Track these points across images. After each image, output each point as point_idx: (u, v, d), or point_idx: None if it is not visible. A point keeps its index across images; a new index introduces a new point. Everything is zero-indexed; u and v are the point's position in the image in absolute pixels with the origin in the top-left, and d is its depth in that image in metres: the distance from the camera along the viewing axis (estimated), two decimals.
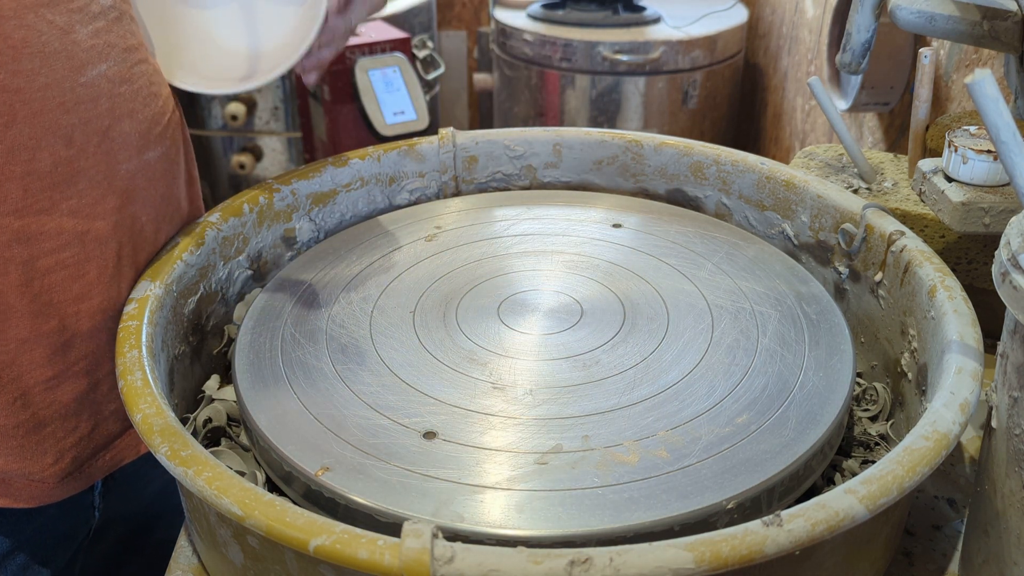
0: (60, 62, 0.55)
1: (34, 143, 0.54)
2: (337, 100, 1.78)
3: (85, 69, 0.56)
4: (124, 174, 0.59)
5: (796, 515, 0.40)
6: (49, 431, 0.60)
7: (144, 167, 0.61)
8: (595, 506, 0.46)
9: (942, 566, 0.55)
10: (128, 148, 0.59)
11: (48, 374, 0.58)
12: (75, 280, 0.58)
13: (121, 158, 0.59)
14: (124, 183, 0.59)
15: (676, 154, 0.78)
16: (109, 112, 0.58)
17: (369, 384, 0.55)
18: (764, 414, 0.52)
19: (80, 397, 0.60)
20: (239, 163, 2.03)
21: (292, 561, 0.45)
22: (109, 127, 0.58)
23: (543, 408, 0.53)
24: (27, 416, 0.58)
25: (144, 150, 0.61)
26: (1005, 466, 0.46)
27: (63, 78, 0.55)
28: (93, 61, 0.57)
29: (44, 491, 0.61)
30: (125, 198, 0.60)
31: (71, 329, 0.58)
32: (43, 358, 0.58)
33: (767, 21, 2.22)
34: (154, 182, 0.62)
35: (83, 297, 0.59)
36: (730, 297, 0.63)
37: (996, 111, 0.42)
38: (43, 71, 0.54)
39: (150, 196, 0.62)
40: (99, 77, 0.57)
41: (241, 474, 0.55)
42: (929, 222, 0.73)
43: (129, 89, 0.59)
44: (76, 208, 0.57)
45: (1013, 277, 0.42)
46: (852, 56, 0.72)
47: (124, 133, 0.59)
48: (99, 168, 0.58)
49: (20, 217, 0.55)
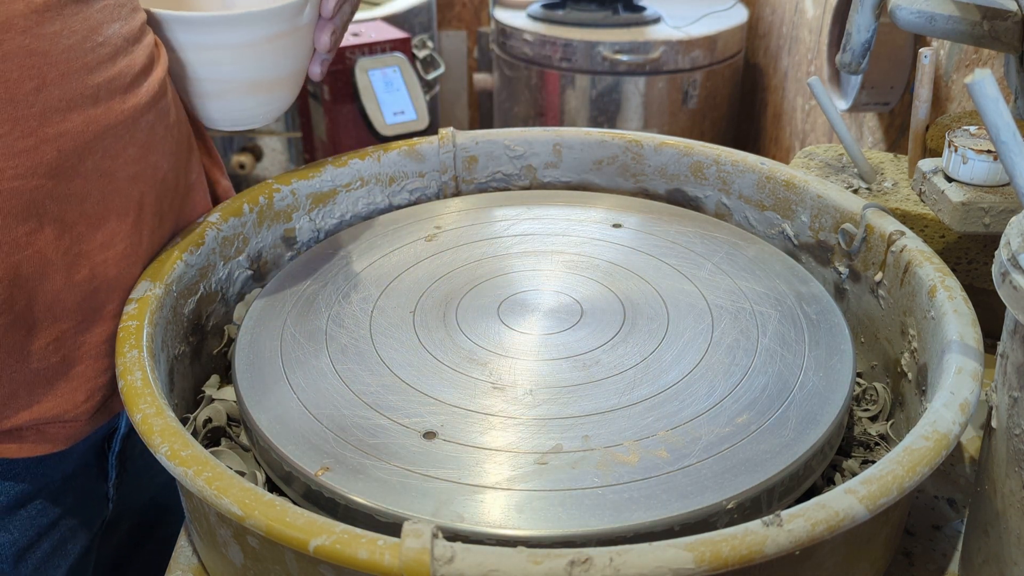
0: (78, 23, 0.56)
1: (65, 104, 0.55)
2: (337, 100, 1.78)
3: (101, 28, 0.57)
4: (144, 125, 0.61)
5: (796, 515, 0.40)
6: (80, 370, 0.60)
7: (161, 115, 0.62)
8: (595, 506, 0.46)
9: (942, 566, 0.55)
10: (148, 102, 0.61)
11: (79, 318, 0.59)
12: (99, 229, 0.59)
13: (141, 111, 0.60)
14: (144, 135, 0.61)
15: (676, 154, 0.78)
16: (128, 69, 0.59)
17: (369, 384, 0.55)
18: (764, 414, 0.52)
19: (109, 338, 0.61)
20: (239, 163, 2.03)
21: (292, 561, 0.45)
22: (130, 84, 0.59)
23: (543, 408, 0.53)
24: (59, 359, 0.59)
25: (158, 101, 0.62)
26: (1005, 466, 0.46)
27: (84, 39, 0.56)
28: (107, 20, 0.58)
29: (76, 430, 0.62)
30: (145, 148, 0.61)
31: (100, 276, 0.60)
32: (75, 304, 0.59)
33: (767, 21, 2.22)
34: (170, 129, 0.64)
35: (107, 245, 0.60)
36: (730, 297, 0.63)
37: (996, 111, 0.42)
38: (64, 33, 0.55)
39: (168, 145, 0.63)
40: (114, 35, 0.58)
41: (241, 474, 0.55)
42: (929, 222, 0.73)
43: (139, 47, 0.61)
44: (100, 163, 0.58)
45: (1013, 277, 0.42)
46: (852, 56, 0.72)
47: (142, 89, 0.60)
48: (124, 123, 0.59)
49: (52, 177, 0.55)
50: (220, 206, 0.68)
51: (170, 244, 0.63)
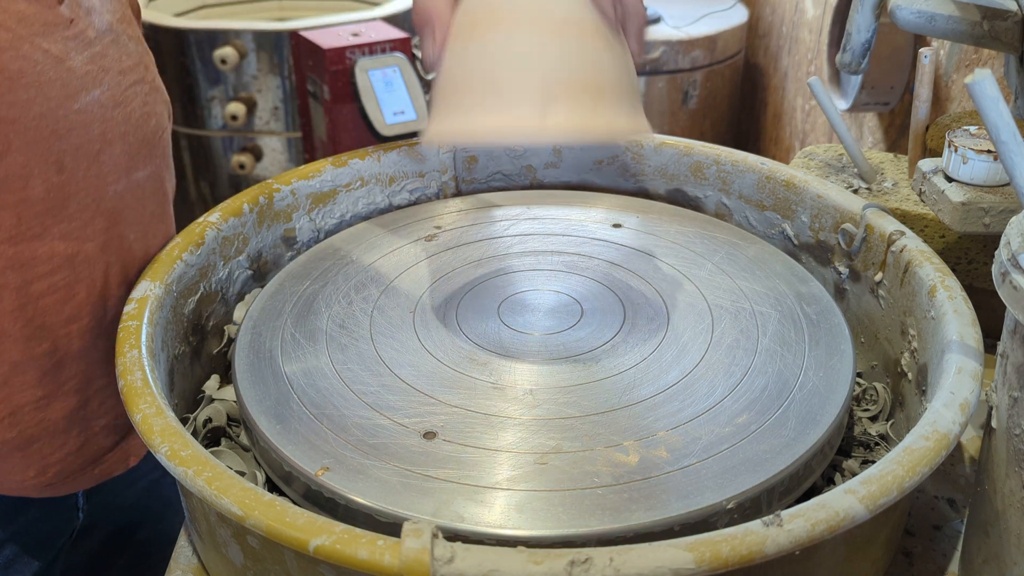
0: (55, 90, 0.54)
1: (27, 171, 0.54)
2: (337, 100, 1.78)
3: (79, 96, 0.56)
4: (112, 195, 0.59)
5: (796, 515, 0.40)
6: (36, 448, 0.59)
7: (133, 187, 0.61)
8: (595, 506, 0.46)
9: (942, 566, 0.55)
10: (117, 170, 0.59)
11: (39, 394, 0.58)
12: (66, 302, 0.58)
13: (110, 180, 0.59)
14: (112, 204, 0.59)
15: (676, 154, 0.78)
16: (101, 136, 0.57)
17: (369, 384, 0.55)
18: (764, 414, 0.52)
19: (70, 415, 0.60)
20: (239, 163, 2.03)
21: (292, 561, 0.45)
22: (100, 151, 0.57)
23: (543, 408, 0.53)
24: (15, 434, 0.58)
25: (133, 171, 0.61)
26: (1005, 466, 0.46)
27: (57, 106, 0.55)
28: (87, 87, 0.56)
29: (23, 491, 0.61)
30: (113, 218, 0.59)
31: (63, 350, 0.58)
32: (34, 379, 0.58)
33: (767, 21, 2.22)
34: (142, 201, 0.62)
35: (74, 318, 0.58)
36: (730, 297, 0.63)
37: (996, 111, 0.42)
38: (38, 100, 0.53)
39: (138, 215, 0.62)
40: (92, 103, 0.57)
41: (241, 474, 0.55)
42: (929, 222, 0.73)
43: (122, 112, 0.59)
44: (66, 232, 0.56)
45: (1013, 277, 0.42)
46: (852, 56, 0.72)
47: (114, 156, 0.59)
48: (88, 192, 0.57)
49: (14, 244, 0.54)
50: (220, 206, 0.68)
51: (170, 244, 0.63)
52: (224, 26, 1.99)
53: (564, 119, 0.51)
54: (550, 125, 0.51)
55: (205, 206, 2.17)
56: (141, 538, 0.77)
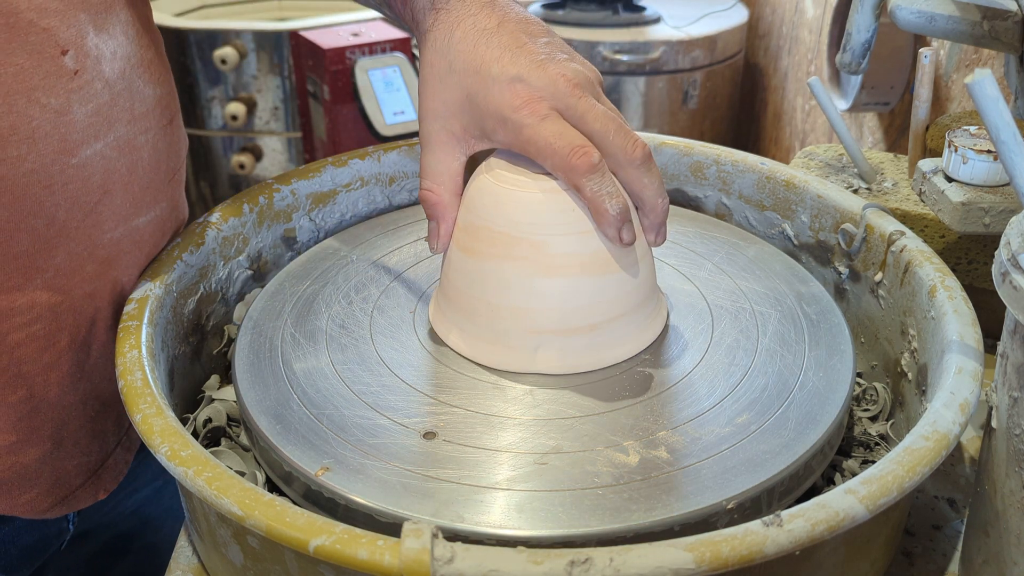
0: (51, 145, 0.51)
1: (12, 225, 0.51)
2: (337, 100, 1.78)
3: (79, 150, 0.53)
4: (108, 242, 0.56)
5: (796, 515, 0.40)
6: (4, 489, 0.58)
7: (132, 232, 0.58)
8: (595, 506, 0.46)
9: (942, 566, 0.55)
10: (116, 218, 0.56)
11: (11, 439, 0.56)
12: (45, 350, 0.55)
13: (107, 228, 0.56)
14: (107, 251, 0.56)
15: (676, 154, 0.78)
16: (101, 187, 0.54)
17: (369, 384, 0.55)
18: (764, 414, 0.52)
19: (42, 458, 0.59)
20: (239, 163, 2.03)
21: (292, 561, 0.45)
22: (99, 201, 0.54)
23: (543, 408, 0.53)
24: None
25: (134, 217, 0.58)
26: (1005, 466, 0.46)
27: (52, 161, 0.51)
28: (89, 140, 0.53)
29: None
30: (107, 265, 0.57)
31: (38, 397, 0.56)
32: (7, 425, 0.56)
33: (767, 21, 2.22)
34: (141, 245, 0.59)
35: (53, 366, 0.56)
36: (730, 297, 0.63)
37: (996, 111, 0.42)
38: (30, 156, 0.50)
39: (135, 259, 0.59)
40: (94, 155, 0.53)
41: (241, 474, 0.55)
42: (929, 222, 0.73)
43: (128, 161, 0.56)
44: (51, 281, 0.54)
45: (1013, 277, 0.42)
46: (852, 56, 0.72)
47: (114, 205, 0.56)
48: (80, 241, 0.54)
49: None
50: (220, 206, 0.68)
51: (170, 244, 0.63)
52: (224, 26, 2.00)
53: (553, 360, 0.55)
54: (539, 363, 0.55)
55: (205, 206, 2.17)
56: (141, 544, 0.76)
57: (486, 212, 0.55)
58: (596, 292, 0.55)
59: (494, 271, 0.55)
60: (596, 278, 0.54)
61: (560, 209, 0.53)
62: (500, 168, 0.55)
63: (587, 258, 0.54)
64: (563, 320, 0.55)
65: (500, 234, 0.54)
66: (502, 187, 0.55)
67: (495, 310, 0.55)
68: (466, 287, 0.56)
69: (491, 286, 0.55)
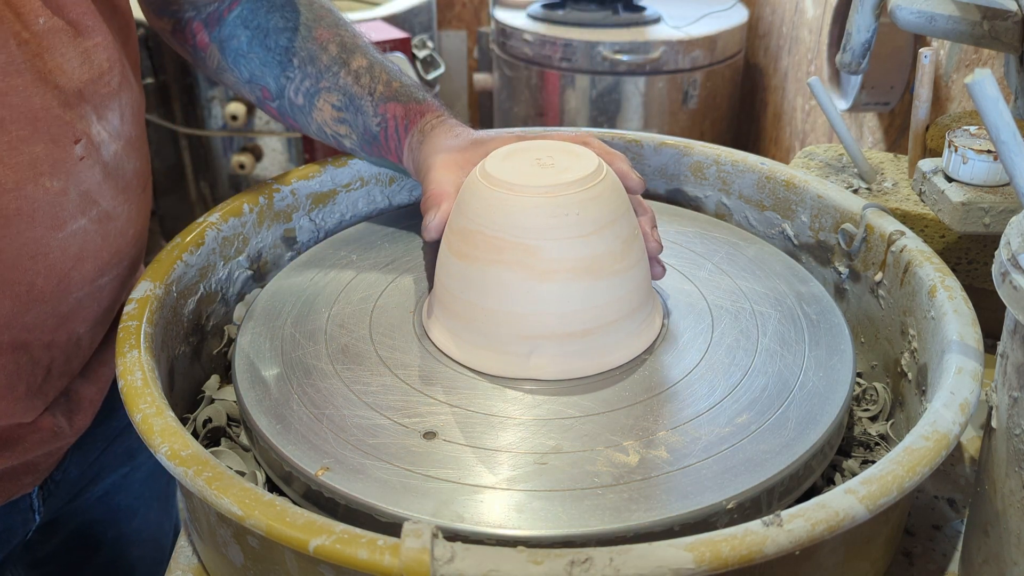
0: (45, 221, 0.54)
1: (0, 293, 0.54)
2: None
3: (66, 225, 0.55)
4: (72, 302, 0.59)
5: (796, 515, 0.40)
6: None
7: (94, 291, 0.61)
8: (595, 506, 0.46)
9: (942, 566, 0.55)
10: (83, 282, 0.59)
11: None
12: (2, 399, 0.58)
13: (74, 290, 0.58)
14: (69, 307, 0.59)
15: (676, 154, 0.78)
16: (76, 256, 0.57)
17: (369, 384, 0.55)
18: (764, 414, 0.52)
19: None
20: (239, 163, 2.03)
21: (292, 561, 0.45)
22: (71, 268, 0.57)
23: (543, 408, 0.53)
24: None
25: (97, 279, 0.60)
26: (1005, 466, 0.46)
27: (42, 235, 0.54)
28: (76, 216, 0.56)
29: None
30: (66, 319, 0.59)
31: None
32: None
33: (767, 21, 2.22)
34: (100, 302, 0.62)
35: (6, 415, 0.59)
36: (730, 297, 0.63)
37: (996, 111, 0.42)
38: (27, 231, 0.53)
39: (93, 313, 0.62)
40: (77, 230, 0.56)
41: (241, 474, 0.55)
42: (929, 222, 0.73)
43: (102, 231, 0.59)
44: (17, 336, 0.56)
45: (1013, 277, 0.42)
46: (852, 56, 0.72)
47: (83, 271, 0.58)
48: (50, 302, 0.57)
49: None
50: (220, 206, 0.68)
51: (170, 244, 0.63)
52: None
53: (547, 365, 0.55)
54: (532, 368, 0.55)
55: (205, 206, 2.17)
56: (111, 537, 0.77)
57: (479, 217, 0.55)
58: (589, 297, 0.54)
59: (487, 276, 0.55)
60: (589, 283, 0.54)
61: (553, 214, 0.53)
62: (494, 172, 0.55)
63: (580, 263, 0.54)
64: (556, 325, 0.54)
65: (493, 239, 0.54)
66: (496, 192, 0.55)
67: (488, 315, 0.55)
68: (459, 291, 0.56)
69: (484, 291, 0.55)
